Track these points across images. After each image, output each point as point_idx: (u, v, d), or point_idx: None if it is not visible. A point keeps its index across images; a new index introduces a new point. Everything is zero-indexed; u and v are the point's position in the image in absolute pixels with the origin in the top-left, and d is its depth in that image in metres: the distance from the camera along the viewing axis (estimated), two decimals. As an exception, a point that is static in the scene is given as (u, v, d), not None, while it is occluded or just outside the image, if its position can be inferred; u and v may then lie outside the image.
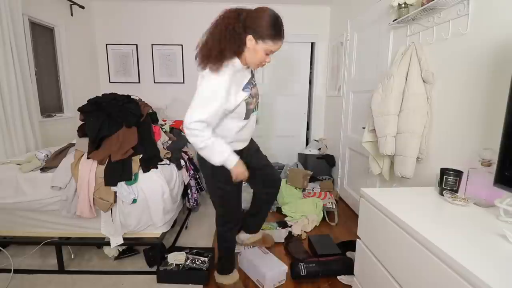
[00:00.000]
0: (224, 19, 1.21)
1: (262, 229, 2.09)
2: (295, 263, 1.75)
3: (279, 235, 2.19)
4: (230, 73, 1.24)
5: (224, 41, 1.19)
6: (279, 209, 2.68)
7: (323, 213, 2.58)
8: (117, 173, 1.63)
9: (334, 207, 2.61)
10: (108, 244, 1.75)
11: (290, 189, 2.83)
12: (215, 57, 1.20)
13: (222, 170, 1.34)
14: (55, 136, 2.84)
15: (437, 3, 1.47)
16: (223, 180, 1.42)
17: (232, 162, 1.32)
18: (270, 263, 1.73)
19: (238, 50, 1.23)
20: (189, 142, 1.32)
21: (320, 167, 3.41)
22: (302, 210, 2.53)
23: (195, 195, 2.25)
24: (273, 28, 1.23)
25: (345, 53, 3.04)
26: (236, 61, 1.26)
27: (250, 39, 1.22)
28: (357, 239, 1.33)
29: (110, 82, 3.75)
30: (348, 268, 1.67)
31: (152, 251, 1.88)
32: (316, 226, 2.44)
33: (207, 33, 1.25)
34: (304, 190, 2.90)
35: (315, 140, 3.91)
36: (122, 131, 1.76)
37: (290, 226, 2.37)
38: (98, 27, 3.62)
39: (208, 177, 1.49)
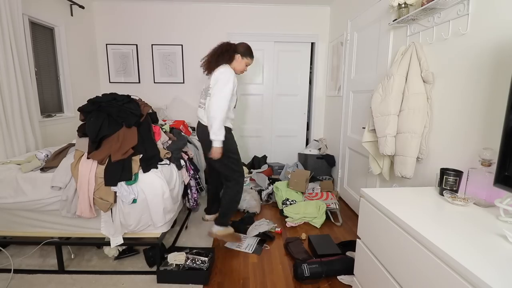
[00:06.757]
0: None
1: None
2: (298, 264, 1.75)
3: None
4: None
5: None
6: (281, 211, 2.66)
7: (328, 214, 2.57)
8: (117, 173, 1.63)
9: (337, 207, 2.60)
10: (108, 244, 1.75)
11: (291, 192, 2.82)
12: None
13: (233, 146, 2.05)
14: (55, 136, 2.85)
15: (437, 3, 1.48)
16: (236, 152, 2.10)
17: (221, 144, 1.89)
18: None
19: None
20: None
21: (320, 167, 3.41)
22: (304, 212, 2.52)
23: (195, 195, 2.25)
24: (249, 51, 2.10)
25: (345, 53, 3.04)
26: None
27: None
28: (357, 239, 1.33)
29: (110, 82, 3.75)
30: (350, 268, 1.67)
31: (152, 251, 1.88)
32: (317, 228, 2.44)
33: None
34: (303, 192, 2.89)
35: (315, 140, 3.91)
36: (122, 131, 1.76)
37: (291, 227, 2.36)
38: (98, 27, 3.62)
39: (223, 155, 1.94)
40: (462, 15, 1.43)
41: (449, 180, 1.19)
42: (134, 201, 1.66)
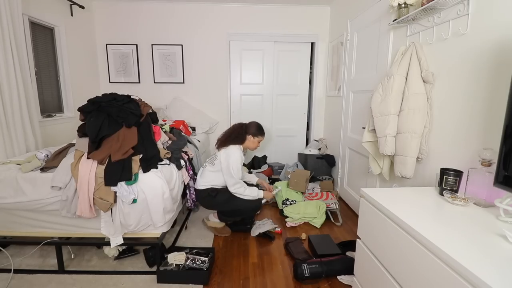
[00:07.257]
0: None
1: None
2: (298, 264, 1.75)
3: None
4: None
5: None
6: (281, 211, 2.66)
7: (328, 214, 2.57)
8: (117, 173, 1.63)
9: (337, 207, 2.60)
10: (108, 244, 1.75)
11: (291, 192, 2.82)
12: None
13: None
14: (55, 136, 2.84)
15: (437, 3, 1.48)
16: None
17: (261, 194, 2.25)
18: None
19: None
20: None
21: (320, 167, 3.41)
22: (304, 212, 2.52)
23: (193, 196, 2.24)
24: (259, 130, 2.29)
25: (345, 53, 3.04)
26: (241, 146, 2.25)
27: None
28: (357, 239, 1.33)
29: (110, 82, 3.75)
30: (350, 268, 1.67)
31: (152, 251, 1.88)
32: (317, 228, 2.44)
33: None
34: (303, 192, 2.89)
35: (315, 140, 3.91)
36: (122, 131, 1.76)
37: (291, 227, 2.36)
38: (98, 27, 3.62)
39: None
40: (462, 15, 1.43)
41: (449, 180, 1.19)
42: (134, 201, 1.66)
